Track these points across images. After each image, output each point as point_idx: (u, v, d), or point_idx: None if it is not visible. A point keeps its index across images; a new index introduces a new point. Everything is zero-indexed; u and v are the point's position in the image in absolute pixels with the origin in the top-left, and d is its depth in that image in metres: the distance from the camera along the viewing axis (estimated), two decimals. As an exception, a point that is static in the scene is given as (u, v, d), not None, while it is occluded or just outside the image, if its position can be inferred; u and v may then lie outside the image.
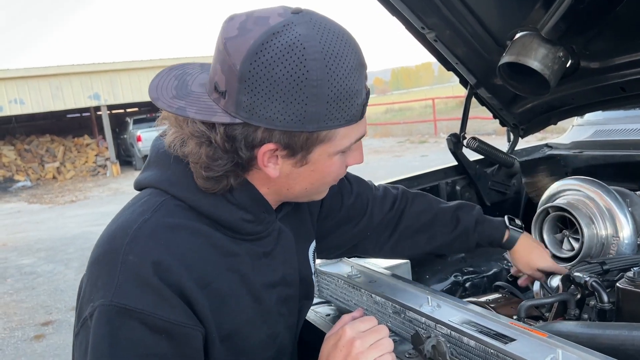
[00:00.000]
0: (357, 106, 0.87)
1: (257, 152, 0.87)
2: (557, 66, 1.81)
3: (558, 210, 1.65)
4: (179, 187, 0.92)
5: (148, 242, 0.86)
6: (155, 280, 0.83)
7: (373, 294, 1.29)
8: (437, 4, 1.96)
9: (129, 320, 0.81)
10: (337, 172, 0.96)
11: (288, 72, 0.80)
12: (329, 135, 0.87)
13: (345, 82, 0.83)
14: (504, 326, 1.03)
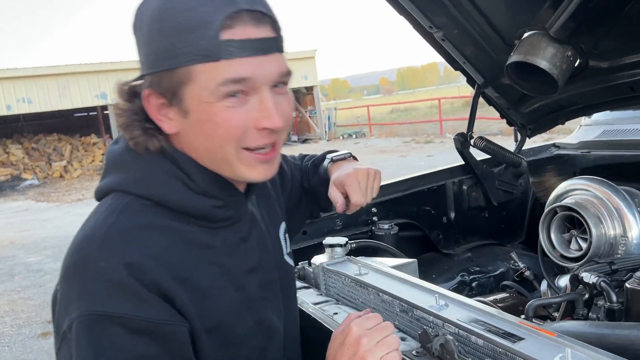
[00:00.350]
0: (208, 39, 0.80)
1: (144, 103, 0.88)
2: (565, 65, 1.81)
3: (566, 210, 1.64)
4: (143, 185, 0.89)
5: (117, 246, 0.83)
6: (130, 282, 0.80)
7: (380, 292, 1.29)
8: (445, 3, 1.96)
9: (110, 326, 0.79)
10: (230, 124, 0.84)
11: (147, 12, 0.84)
12: (188, 75, 0.82)
13: (184, 15, 0.81)
14: (513, 325, 1.03)
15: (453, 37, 2.09)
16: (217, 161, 0.89)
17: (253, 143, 0.87)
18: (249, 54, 0.82)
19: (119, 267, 0.80)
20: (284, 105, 0.89)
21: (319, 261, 1.54)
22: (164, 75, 0.83)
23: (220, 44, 0.80)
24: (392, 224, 2.09)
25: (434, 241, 2.31)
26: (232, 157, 0.88)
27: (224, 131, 0.85)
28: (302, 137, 23.46)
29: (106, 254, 0.82)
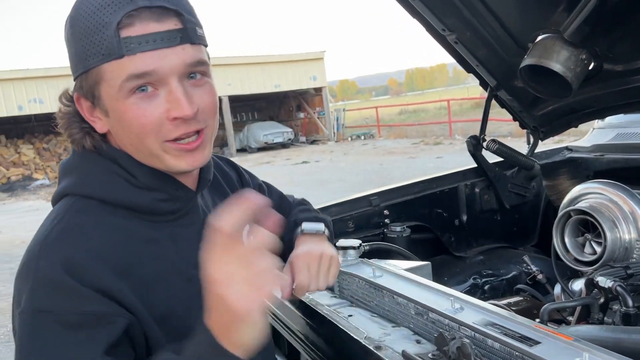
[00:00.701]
0: (108, 39, 0.83)
1: (76, 105, 0.94)
2: (579, 69, 1.80)
3: (580, 214, 1.64)
4: (86, 185, 0.93)
5: (56, 244, 0.85)
6: (65, 279, 0.82)
7: (395, 295, 1.29)
8: (458, 6, 1.96)
9: (45, 322, 0.81)
10: (140, 121, 0.87)
11: (66, 24, 0.90)
12: (99, 75, 0.86)
13: (88, 18, 0.85)
14: (529, 329, 1.03)
15: (466, 39, 2.09)
16: (146, 156, 0.92)
17: (171, 135, 0.89)
18: (150, 48, 0.84)
19: (57, 265, 0.82)
20: (201, 95, 0.90)
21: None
22: (83, 78, 0.89)
23: (120, 42, 0.83)
24: (404, 227, 2.09)
25: (445, 244, 2.31)
26: (157, 151, 0.90)
27: (138, 127, 0.88)
28: (310, 138, 23.50)
29: (46, 254, 0.84)
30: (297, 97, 24.43)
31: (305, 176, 12.93)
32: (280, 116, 25.85)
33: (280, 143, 21.91)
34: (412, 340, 1.16)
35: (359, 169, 12.99)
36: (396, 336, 1.19)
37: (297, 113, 24.90)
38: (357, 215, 2.12)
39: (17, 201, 14.91)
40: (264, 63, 22.02)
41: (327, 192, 10.12)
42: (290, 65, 22.39)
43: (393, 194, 2.21)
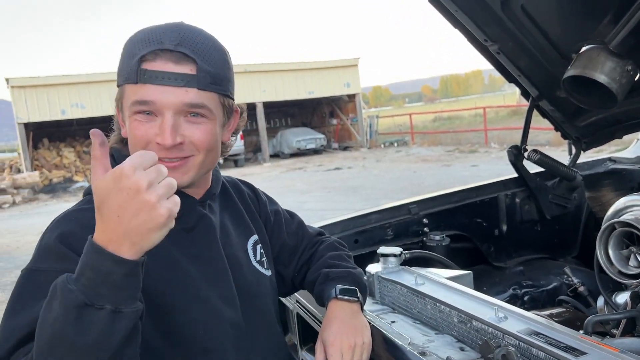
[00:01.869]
0: (132, 66, 1.02)
1: (117, 111, 1.12)
2: (625, 80, 1.79)
3: (625, 226, 1.62)
4: None
5: (60, 223, 1.05)
6: (58, 246, 0.99)
7: (438, 302, 1.31)
8: (501, 17, 1.97)
9: (35, 278, 0.98)
10: (135, 133, 1.04)
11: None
12: (123, 91, 1.06)
13: (129, 46, 1.05)
14: (574, 339, 1.04)
15: (508, 50, 2.10)
16: None
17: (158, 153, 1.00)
18: (158, 83, 1.01)
19: (54, 236, 1.01)
20: (192, 131, 1.06)
21: (374, 270, 1.58)
22: (119, 90, 1.09)
23: (138, 72, 1.02)
24: (443, 235, 2.10)
25: (485, 254, 2.30)
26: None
27: (133, 139, 1.06)
28: (342, 145, 23.52)
29: (50, 229, 1.05)
30: (330, 103, 24.51)
31: (337, 182, 12.96)
32: (313, 122, 25.98)
33: (312, 149, 22.01)
34: (455, 347, 1.19)
35: (392, 176, 12.95)
36: (440, 343, 1.21)
37: (330, 119, 24.97)
38: (396, 223, 2.15)
39: (58, 202, 15.40)
40: (298, 70, 22.20)
41: (360, 198, 10.12)
42: (324, 72, 22.50)
43: (432, 203, 2.23)
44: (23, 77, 19.22)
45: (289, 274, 1.43)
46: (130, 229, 0.79)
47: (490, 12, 1.97)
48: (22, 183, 17.04)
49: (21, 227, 11.08)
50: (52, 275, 0.87)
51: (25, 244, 9.11)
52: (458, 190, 2.28)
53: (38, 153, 20.09)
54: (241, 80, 20.32)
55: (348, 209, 1.99)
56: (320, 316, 1.45)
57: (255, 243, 1.32)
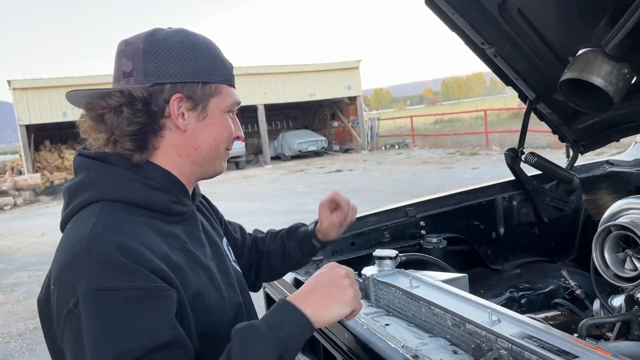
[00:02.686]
0: (229, 71, 1.17)
1: (169, 104, 1.09)
2: (621, 83, 1.79)
3: (621, 229, 1.62)
4: (109, 190, 1.06)
5: (105, 234, 0.97)
6: (121, 259, 0.93)
7: (432, 305, 1.31)
8: (498, 20, 1.97)
9: (109, 299, 0.91)
10: (230, 131, 1.17)
11: (179, 41, 1.10)
12: (218, 89, 1.13)
13: (216, 51, 1.15)
14: (566, 343, 1.04)
15: (505, 53, 2.10)
16: (212, 157, 1.17)
17: (230, 146, 1.21)
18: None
19: (111, 250, 0.94)
20: None
21: (369, 272, 1.58)
22: (198, 86, 1.10)
23: (233, 77, 1.19)
24: (440, 238, 2.10)
25: (482, 256, 2.30)
26: (221, 154, 1.19)
27: (227, 134, 1.17)
28: (344, 147, 23.53)
29: (97, 243, 0.96)
30: (331, 105, 24.53)
31: (338, 185, 12.95)
32: (314, 125, 25.99)
33: (314, 151, 22.02)
34: (449, 350, 1.18)
35: (393, 179, 12.94)
36: (433, 346, 1.21)
37: (331, 122, 24.98)
38: (393, 225, 2.15)
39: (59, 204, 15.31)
40: (299, 72, 22.22)
41: (361, 200, 10.11)
42: (325, 74, 22.52)
43: (429, 205, 2.23)
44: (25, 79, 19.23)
45: (244, 266, 1.52)
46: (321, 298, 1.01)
47: (487, 15, 1.98)
48: (23, 185, 17.06)
49: (23, 228, 11.08)
50: (129, 294, 0.91)
51: (27, 246, 9.12)
52: (455, 193, 2.28)
53: (39, 155, 20.12)
54: (243, 83, 20.38)
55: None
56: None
57: (227, 244, 1.37)
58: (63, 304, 0.94)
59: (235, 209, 10.27)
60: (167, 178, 1.12)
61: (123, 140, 1.07)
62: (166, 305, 0.95)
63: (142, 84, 1.07)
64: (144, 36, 1.11)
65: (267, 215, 9.75)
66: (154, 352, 0.90)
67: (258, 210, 10.38)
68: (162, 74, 1.08)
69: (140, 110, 1.06)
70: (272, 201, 11.54)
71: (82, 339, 0.90)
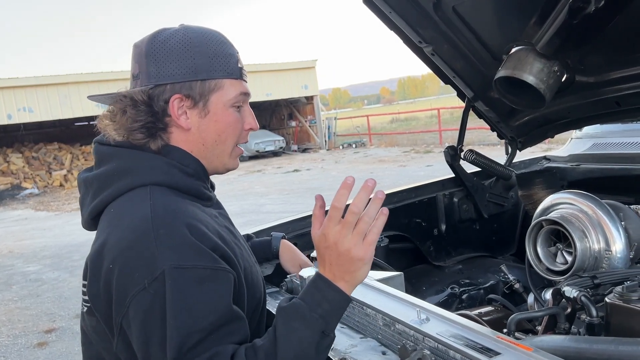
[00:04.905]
0: (233, 64, 1.16)
1: (169, 105, 1.12)
2: (552, 80, 1.83)
3: (552, 224, 1.66)
4: (152, 175, 1.11)
5: (169, 214, 1.03)
6: (192, 240, 1.00)
7: (364, 306, 1.30)
8: (434, 19, 1.99)
9: (182, 276, 0.97)
10: (236, 126, 1.18)
11: (178, 41, 1.13)
12: (218, 85, 1.14)
13: (218, 47, 1.15)
14: (491, 340, 1.04)
15: (442, 51, 2.12)
16: (218, 152, 1.19)
17: (242, 140, 1.22)
18: (246, 80, 1.21)
19: (183, 230, 1.01)
20: None
21: (306, 274, 1.55)
22: (197, 84, 1.13)
23: (240, 69, 1.18)
24: (382, 236, 2.10)
25: (424, 253, 2.32)
26: (228, 150, 1.20)
27: (232, 129, 1.18)
28: (302, 147, 23.51)
29: (162, 223, 1.01)
30: (288, 105, 24.47)
31: (296, 185, 12.93)
32: (272, 124, 25.86)
33: (272, 151, 21.91)
34: (378, 351, 1.18)
35: (350, 178, 13.00)
36: (363, 347, 1.20)
37: (288, 121, 24.92)
38: (336, 225, 2.13)
39: (5, 210, 14.79)
40: (255, 72, 22.04)
41: (317, 200, 10.11)
42: (281, 74, 22.43)
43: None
44: (-33, 80, 18.35)
45: None
46: (348, 268, 0.98)
47: (424, 13, 1.99)
48: (-34, 191, 16.27)
49: (-36, 236, 10.57)
50: (199, 273, 0.98)
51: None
52: (397, 191, 2.29)
53: (-17, 159, 19.24)
54: (197, 83, 20.02)
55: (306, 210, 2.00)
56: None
57: None
58: (129, 283, 0.98)
59: (189, 212, 10.08)
60: (197, 165, 1.17)
61: (133, 133, 1.12)
62: (228, 284, 1.02)
63: (145, 86, 1.12)
64: (147, 39, 1.15)
65: (222, 217, 9.62)
66: (220, 328, 0.97)
67: (213, 212, 10.23)
68: (163, 75, 1.12)
69: (143, 111, 1.12)
70: (229, 202, 11.40)
71: (154, 317, 0.96)
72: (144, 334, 0.97)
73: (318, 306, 0.97)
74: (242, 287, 1.10)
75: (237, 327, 1.01)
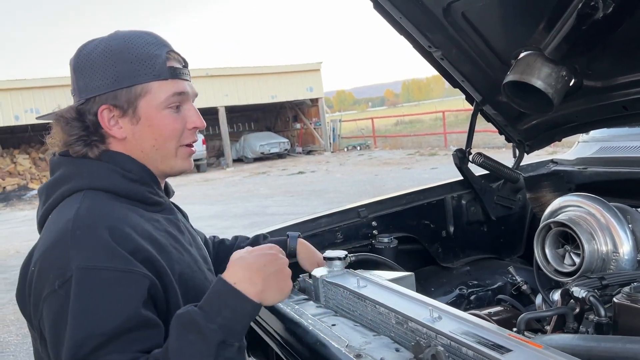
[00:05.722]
0: (159, 65, 1.13)
1: (99, 117, 1.13)
2: (560, 85, 1.86)
3: (560, 226, 1.68)
4: (90, 180, 1.12)
5: (90, 217, 1.03)
6: (108, 242, 0.98)
7: (377, 305, 1.33)
8: (444, 24, 2.02)
9: (90, 277, 0.95)
10: (174, 126, 1.16)
11: (100, 52, 1.12)
12: (144, 89, 1.12)
13: (141, 50, 1.12)
14: (502, 337, 1.07)
15: (451, 56, 2.15)
16: (160, 156, 1.17)
17: (187, 140, 1.20)
18: (184, 78, 1.18)
19: (94, 230, 1.00)
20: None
21: (319, 274, 1.59)
22: (122, 92, 1.11)
23: (168, 69, 1.15)
24: (391, 238, 2.13)
25: (433, 255, 2.35)
26: (172, 152, 1.18)
27: (169, 131, 1.16)
28: (306, 149, 23.56)
29: (80, 225, 1.01)
30: (293, 107, 24.53)
31: (300, 187, 12.97)
32: (276, 127, 25.94)
33: (276, 153, 21.97)
34: (391, 348, 1.20)
35: (354, 180, 13.04)
36: (376, 344, 1.22)
37: (293, 124, 24.99)
38: (346, 226, 2.17)
39: (12, 211, 14.89)
40: (260, 74, 22.13)
41: (323, 202, 10.15)
42: (286, 76, 22.50)
43: (381, 206, 2.26)
44: (-27, 82, 18.49)
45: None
46: (269, 278, 1.00)
47: (433, 19, 2.02)
48: (-27, 191, 16.39)
49: (-28, 237, 10.65)
50: (109, 275, 0.96)
51: (-25, 255, 8.76)
52: (406, 193, 2.32)
53: (-10, 160, 19.37)
54: (203, 84, 20.12)
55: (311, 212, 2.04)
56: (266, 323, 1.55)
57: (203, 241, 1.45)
58: (44, 284, 0.97)
59: (195, 212, 10.13)
60: (143, 171, 1.17)
61: (72, 147, 1.14)
62: (139, 288, 0.98)
63: (78, 102, 1.13)
64: (74, 54, 1.15)
65: (227, 218, 9.67)
66: (125, 333, 0.93)
67: (218, 213, 10.29)
68: (90, 89, 1.12)
69: (76, 126, 1.13)
70: (234, 204, 11.45)
71: (63, 318, 0.93)
72: (53, 335, 0.95)
73: (217, 315, 0.92)
74: (172, 292, 1.07)
75: (146, 334, 0.96)
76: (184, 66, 1.20)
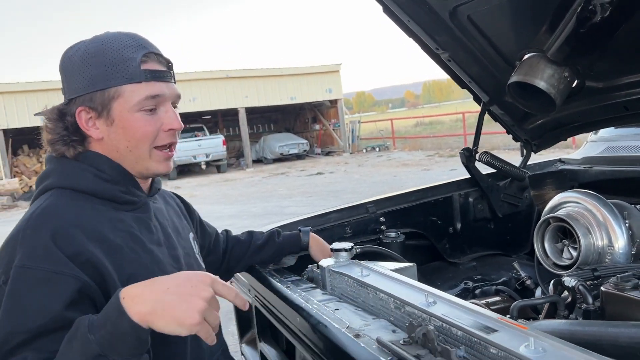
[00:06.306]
0: (133, 69, 1.15)
1: (77, 118, 1.17)
2: (562, 86, 1.92)
3: (558, 221, 1.75)
4: (62, 179, 1.17)
5: (40, 218, 1.07)
6: (47, 242, 1.02)
7: (378, 291, 1.42)
8: (450, 27, 2.10)
9: (23, 275, 1.00)
10: (146, 129, 1.18)
11: (80, 55, 1.16)
12: (118, 92, 1.15)
13: (116, 53, 1.15)
14: (491, 320, 1.15)
15: (458, 57, 2.22)
16: (134, 158, 1.20)
17: (161, 142, 1.21)
18: (160, 80, 1.19)
19: (40, 231, 1.04)
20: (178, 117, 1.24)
21: (326, 264, 1.68)
22: (97, 95, 1.15)
23: (142, 72, 1.16)
24: (398, 233, 2.21)
25: (440, 250, 2.42)
26: (146, 155, 1.21)
27: (141, 134, 1.18)
28: (325, 150, 23.66)
29: (32, 225, 1.07)
30: (312, 109, 24.65)
31: (319, 187, 13.07)
32: (295, 128, 26.09)
33: (295, 154, 22.11)
34: (388, 329, 1.29)
35: (373, 181, 13.09)
36: (375, 326, 1.31)
37: (312, 125, 25.11)
38: (355, 221, 2.25)
39: (38, 209, 15.24)
40: (280, 76, 22.31)
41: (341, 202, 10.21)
42: (306, 77, 22.64)
43: (389, 202, 2.34)
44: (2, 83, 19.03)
45: (217, 261, 1.67)
46: (164, 301, 0.93)
47: (440, 21, 2.10)
48: (1, 190, 16.86)
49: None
50: (38, 274, 0.99)
51: (3, 251, 9.02)
52: (414, 191, 2.40)
53: (18, 160, 19.89)
54: (223, 86, 20.41)
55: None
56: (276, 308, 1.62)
57: (193, 238, 1.46)
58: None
59: (215, 212, 10.31)
60: (116, 171, 1.20)
61: (53, 146, 1.21)
62: (67, 290, 1.00)
63: (62, 102, 1.21)
64: (61, 56, 1.20)
65: (246, 217, 9.81)
66: (51, 333, 0.96)
67: (238, 213, 10.44)
68: (71, 90, 1.18)
69: (58, 127, 1.19)
70: (253, 204, 11.60)
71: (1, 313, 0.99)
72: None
73: (102, 327, 0.91)
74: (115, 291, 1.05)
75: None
76: (169, 68, 1.22)
